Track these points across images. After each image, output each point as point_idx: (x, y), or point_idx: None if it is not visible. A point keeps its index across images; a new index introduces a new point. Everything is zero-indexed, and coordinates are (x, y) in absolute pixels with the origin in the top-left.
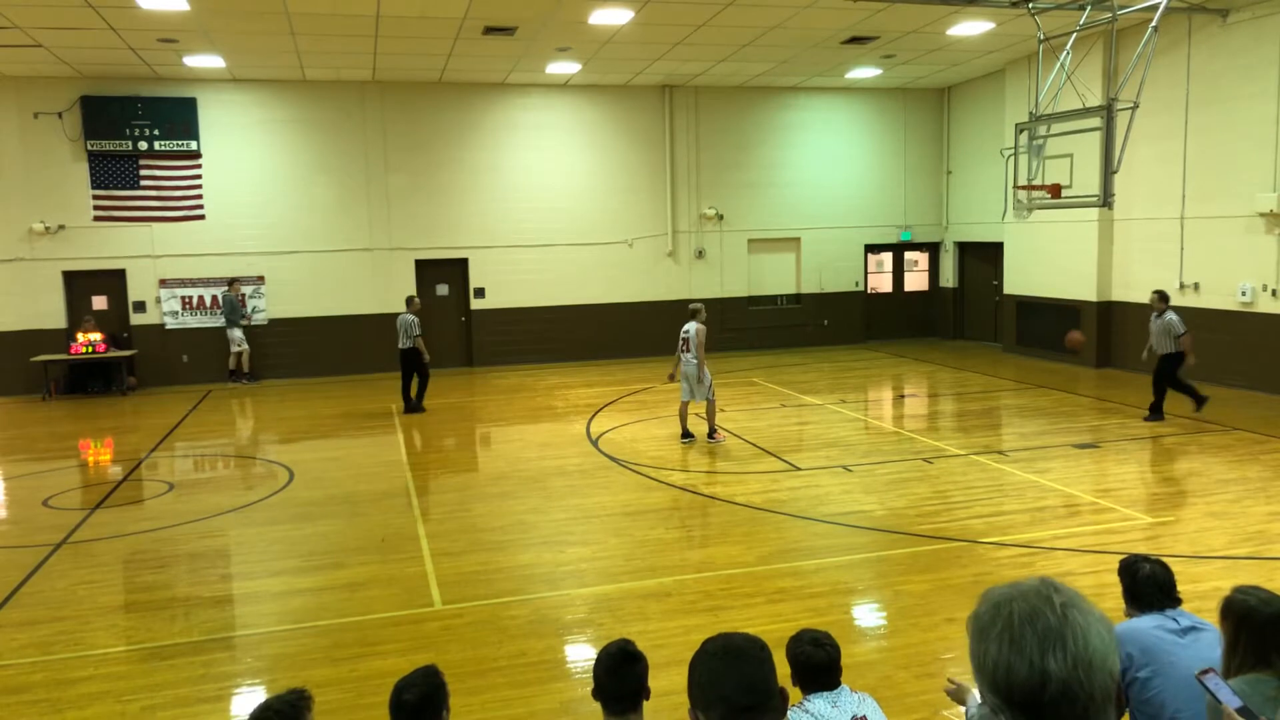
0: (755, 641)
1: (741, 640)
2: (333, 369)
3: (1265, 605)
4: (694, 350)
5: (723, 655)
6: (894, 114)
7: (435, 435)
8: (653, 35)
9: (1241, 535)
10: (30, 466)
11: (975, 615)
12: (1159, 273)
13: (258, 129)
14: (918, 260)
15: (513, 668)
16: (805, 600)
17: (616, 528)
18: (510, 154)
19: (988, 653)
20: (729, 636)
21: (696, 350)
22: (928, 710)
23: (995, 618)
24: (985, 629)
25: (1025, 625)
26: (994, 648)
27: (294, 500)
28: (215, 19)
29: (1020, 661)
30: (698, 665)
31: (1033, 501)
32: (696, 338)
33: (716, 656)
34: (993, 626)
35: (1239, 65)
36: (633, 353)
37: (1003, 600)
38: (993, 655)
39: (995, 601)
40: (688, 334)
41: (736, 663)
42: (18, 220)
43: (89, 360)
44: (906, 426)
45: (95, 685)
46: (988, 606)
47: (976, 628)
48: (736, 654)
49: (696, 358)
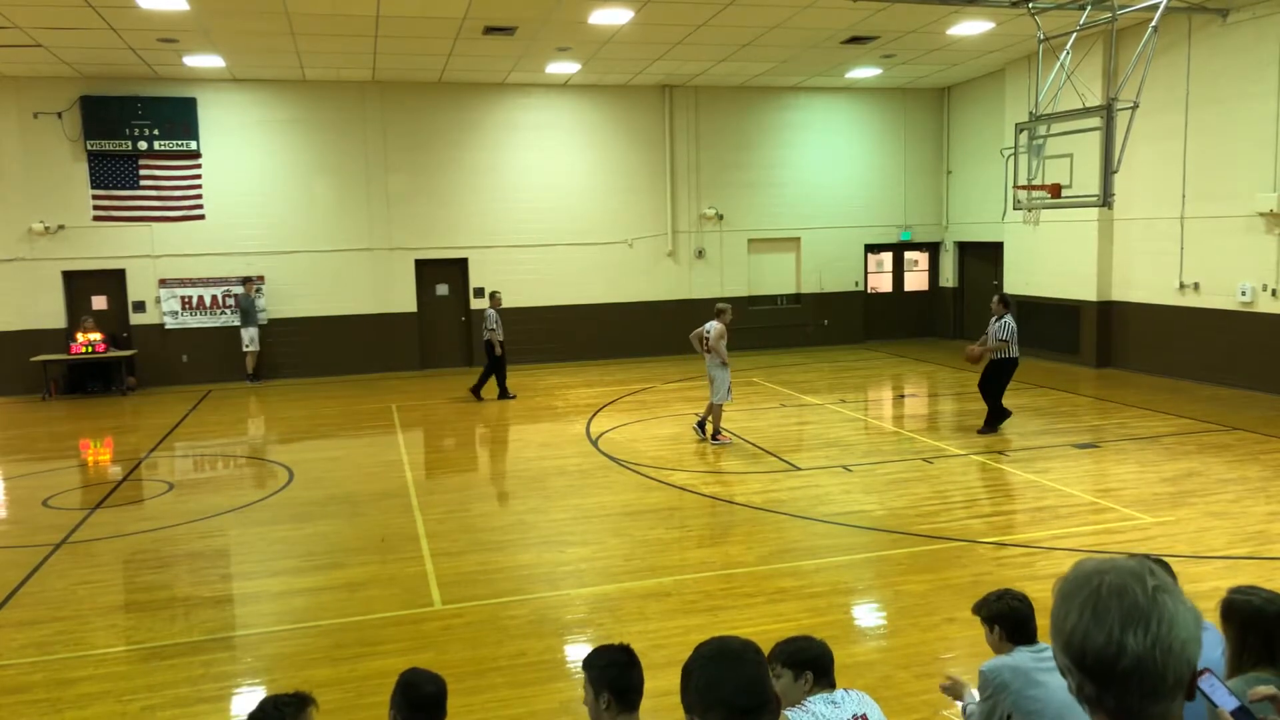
0: (749, 645)
1: (736, 644)
2: (333, 369)
3: (1269, 604)
4: (711, 348)
5: (719, 658)
6: (894, 114)
7: (435, 435)
8: (653, 35)
9: (1241, 535)
10: (30, 466)
11: (1063, 580)
12: (1159, 273)
13: (258, 129)
14: (918, 260)
15: (513, 668)
16: (805, 600)
17: (616, 528)
18: (510, 154)
19: (1068, 616)
20: (723, 640)
21: (712, 349)
22: (928, 710)
23: (1083, 585)
24: (1070, 594)
25: (1112, 598)
26: (1075, 613)
27: (294, 500)
28: (215, 19)
29: (1099, 631)
30: (694, 670)
31: (1033, 501)
32: (714, 337)
33: (713, 660)
34: (1078, 593)
35: (1239, 65)
36: (633, 353)
37: (1094, 572)
38: (1073, 620)
39: (1087, 572)
40: (707, 333)
41: (734, 665)
42: (18, 220)
43: (89, 360)
44: (906, 426)
45: (95, 685)
46: (1077, 574)
47: (1062, 591)
48: (734, 657)
49: (716, 357)
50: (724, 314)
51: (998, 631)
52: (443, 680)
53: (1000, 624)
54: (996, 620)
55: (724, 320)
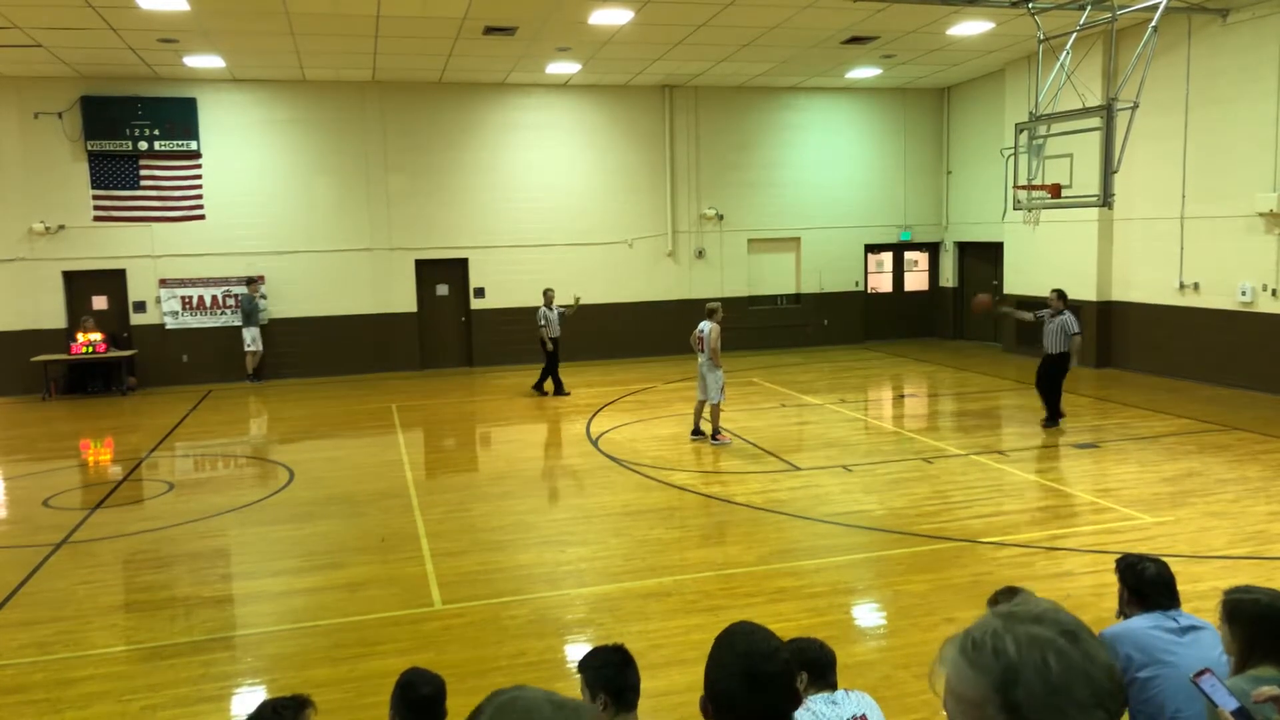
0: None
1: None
2: (333, 369)
3: (1278, 601)
4: (707, 350)
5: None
6: (894, 114)
7: (435, 435)
8: (653, 35)
9: (1241, 535)
10: (30, 466)
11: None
12: (1159, 273)
13: (258, 129)
14: (918, 260)
15: (513, 668)
16: (805, 600)
17: (616, 528)
18: (510, 154)
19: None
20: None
21: (710, 350)
22: (928, 710)
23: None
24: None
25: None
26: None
27: (294, 500)
28: (215, 19)
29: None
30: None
31: (1033, 501)
32: (710, 337)
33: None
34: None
35: (1239, 65)
36: (633, 353)
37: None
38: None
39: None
40: (702, 333)
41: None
42: (18, 220)
43: (89, 360)
44: (906, 426)
45: (95, 685)
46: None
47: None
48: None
49: (709, 357)
50: (716, 313)
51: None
52: (441, 681)
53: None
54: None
55: (717, 320)
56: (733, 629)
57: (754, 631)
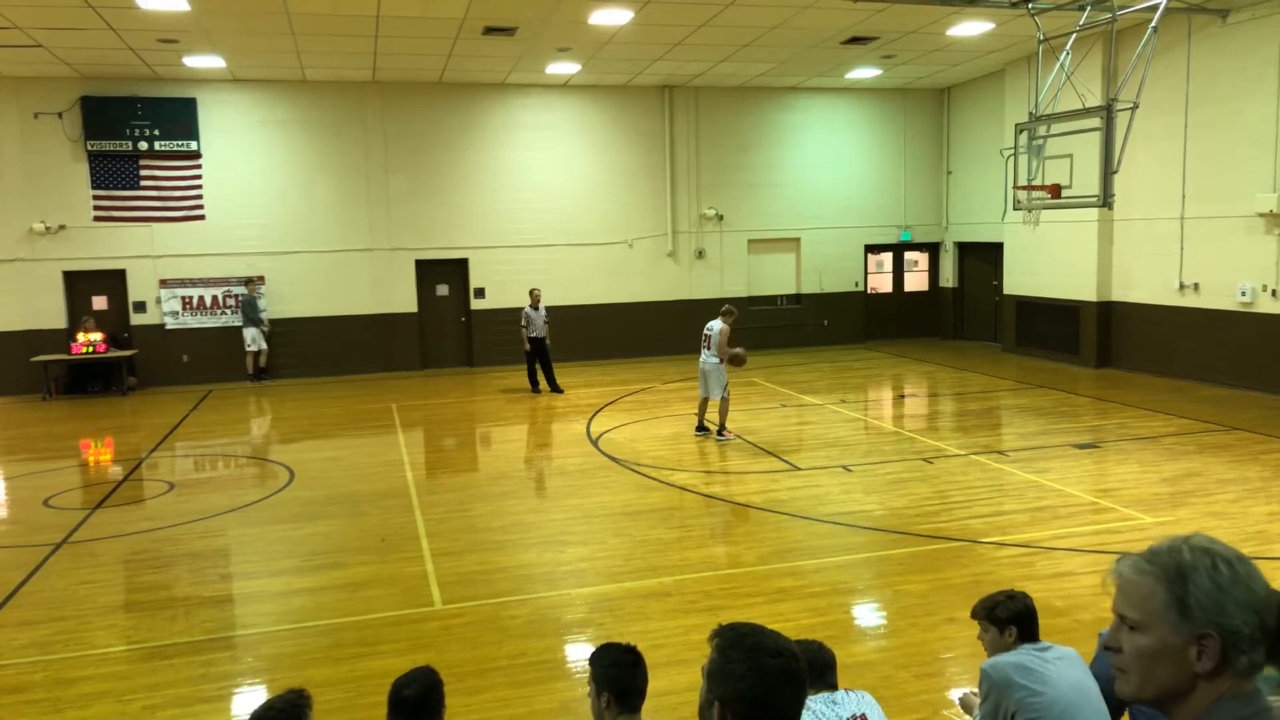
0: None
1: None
2: (333, 369)
3: None
4: (714, 348)
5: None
6: (894, 114)
7: (435, 435)
8: (653, 35)
9: (1241, 535)
10: (30, 466)
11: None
12: (1159, 273)
13: (258, 129)
14: (918, 260)
15: (513, 668)
16: (805, 600)
17: (616, 528)
18: (510, 154)
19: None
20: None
21: (718, 349)
22: (928, 710)
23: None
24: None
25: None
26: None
27: (294, 500)
28: (215, 19)
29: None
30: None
31: (1033, 501)
32: (719, 337)
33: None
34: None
35: (1239, 65)
36: (633, 353)
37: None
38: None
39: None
40: (710, 331)
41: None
42: (18, 220)
43: (89, 360)
44: (906, 426)
45: (95, 685)
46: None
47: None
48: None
49: (716, 356)
50: (730, 315)
51: (1012, 632)
52: (430, 679)
53: (1017, 624)
54: (1014, 621)
55: (729, 321)
56: (740, 630)
57: (762, 631)
